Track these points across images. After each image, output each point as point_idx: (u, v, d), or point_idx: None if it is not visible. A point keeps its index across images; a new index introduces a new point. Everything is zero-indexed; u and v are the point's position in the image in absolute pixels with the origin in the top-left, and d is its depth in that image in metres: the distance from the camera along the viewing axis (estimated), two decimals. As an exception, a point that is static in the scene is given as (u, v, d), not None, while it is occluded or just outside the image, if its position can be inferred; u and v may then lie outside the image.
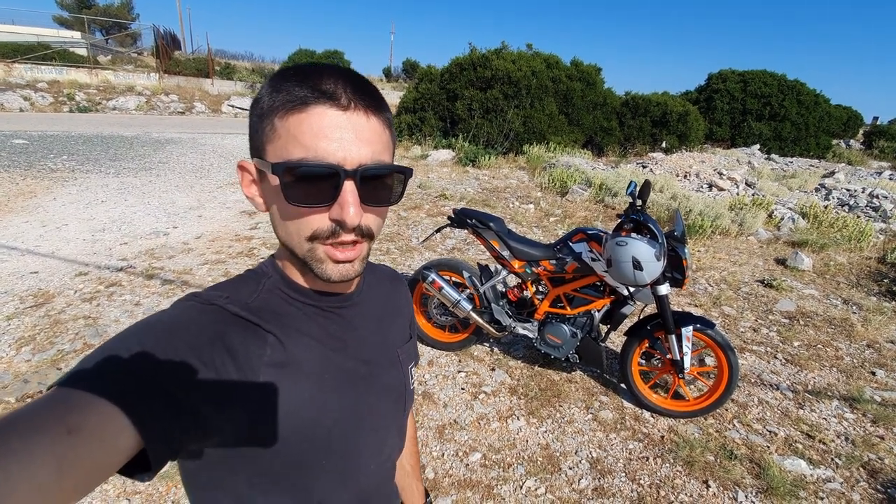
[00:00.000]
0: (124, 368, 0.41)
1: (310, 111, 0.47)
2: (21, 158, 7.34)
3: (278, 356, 0.52)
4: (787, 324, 3.68)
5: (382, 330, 0.68)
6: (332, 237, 0.51)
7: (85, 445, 0.35)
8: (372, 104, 0.50)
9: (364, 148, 0.49)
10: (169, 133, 11.41)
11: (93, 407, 0.37)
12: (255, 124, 0.52)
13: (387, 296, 0.73)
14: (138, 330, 0.46)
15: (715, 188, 7.89)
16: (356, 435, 0.60)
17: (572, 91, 11.46)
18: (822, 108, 15.95)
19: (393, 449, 0.70)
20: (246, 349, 0.50)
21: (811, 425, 2.49)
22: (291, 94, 0.48)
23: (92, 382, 0.39)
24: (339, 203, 0.49)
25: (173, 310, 0.51)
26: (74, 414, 0.36)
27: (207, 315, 0.50)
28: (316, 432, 0.55)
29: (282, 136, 0.48)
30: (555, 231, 5.71)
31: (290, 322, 0.55)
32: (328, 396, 0.56)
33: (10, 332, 2.86)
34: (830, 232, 5.71)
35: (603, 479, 2.07)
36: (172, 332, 0.46)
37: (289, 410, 0.52)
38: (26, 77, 15.33)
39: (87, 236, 4.50)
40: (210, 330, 0.49)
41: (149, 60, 20.17)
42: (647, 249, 2.11)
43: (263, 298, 0.56)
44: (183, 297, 0.53)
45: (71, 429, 0.35)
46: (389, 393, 0.66)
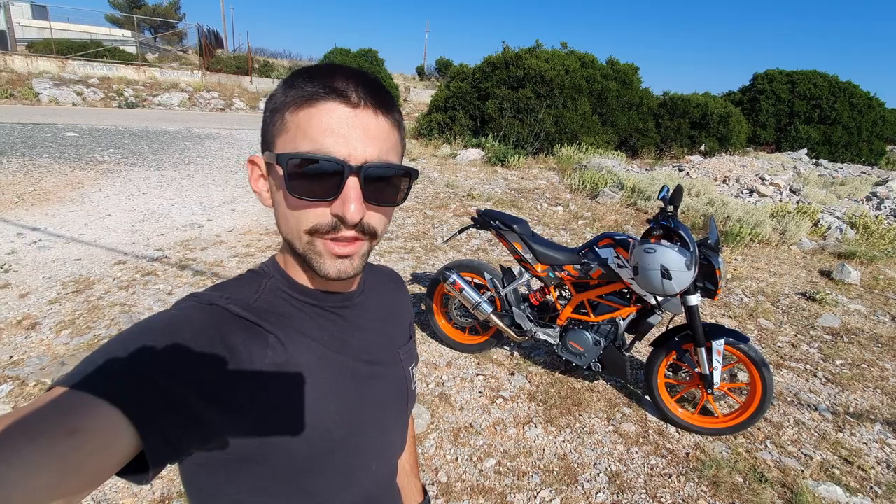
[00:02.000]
0: (125, 369, 0.41)
1: (319, 106, 0.48)
2: (71, 150, 7.74)
3: (280, 357, 0.52)
4: (830, 340, 3.47)
5: (384, 330, 0.67)
6: (331, 232, 0.50)
7: (85, 447, 0.35)
8: (382, 104, 0.50)
9: (371, 146, 0.49)
10: (209, 129, 11.81)
11: (93, 408, 0.37)
12: (267, 119, 0.53)
13: (387, 296, 0.72)
14: (140, 330, 0.46)
15: (756, 194, 7.54)
16: (359, 436, 0.59)
17: (607, 91, 11.20)
18: (877, 111, 15.00)
19: (395, 449, 0.70)
20: (248, 350, 0.49)
21: (850, 450, 2.33)
22: (303, 89, 0.48)
23: (93, 383, 0.39)
24: (342, 198, 0.49)
25: (174, 310, 0.50)
26: (74, 415, 0.36)
27: (208, 315, 0.50)
28: (318, 434, 0.54)
29: (290, 130, 0.49)
30: (583, 234, 5.58)
31: (291, 323, 0.55)
32: (330, 398, 0.56)
33: (51, 315, 3.01)
34: (881, 244, 5.36)
35: (622, 494, 2.00)
36: (173, 332, 0.46)
37: (290, 412, 0.51)
38: (79, 73, 16.17)
39: (128, 226, 4.70)
40: (211, 330, 0.48)
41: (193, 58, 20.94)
42: (677, 257, 2.02)
43: (265, 299, 0.55)
44: (184, 298, 0.52)
45: (71, 430, 0.35)
46: (391, 393, 0.66)
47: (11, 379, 2.41)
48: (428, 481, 1.99)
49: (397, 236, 4.99)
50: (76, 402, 0.37)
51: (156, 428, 0.40)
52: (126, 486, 1.86)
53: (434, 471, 2.05)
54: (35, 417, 0.35)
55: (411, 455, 0.85)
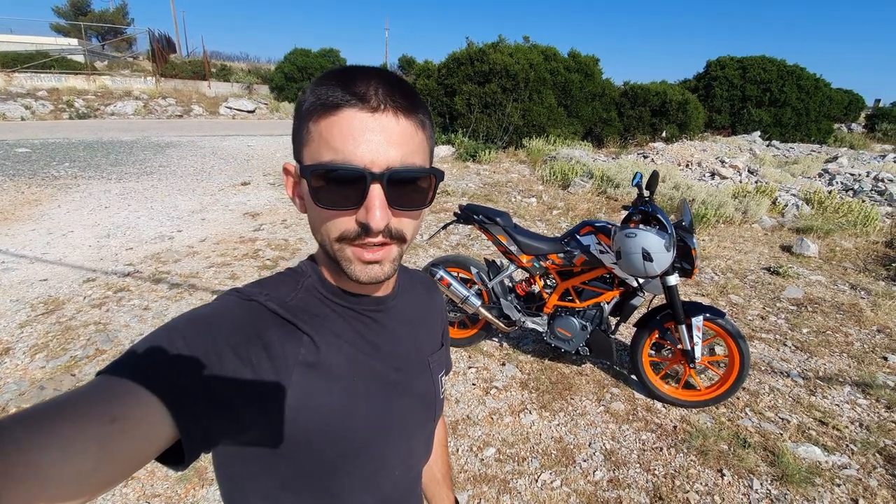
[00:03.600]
0: (166, 361, 0.42)
1: (340, 114, 0.48)
2: (25, 167, 7.35)
3: (312, 357, 0.52)
4: (795, 311, 3.68)
5: (415, 337, 0.67)
6: (358, 239, 0.51)
7: (126, 434, 0.36)
8: (403, 105, 0.49)
9: (393, 150, 0.48)
10: (168, 137, 11.40)
11: (135, 397, 0.38)
12: (296, 128, 0.53)
13: (421, 303, 0.72)
14: (181, 323, 0.47)
15: (717, 176, 7.86)
16: (383, 441, 0.60)
17: (570, 83, 11.40)
18: (823, 92, 15.80)
19: (420, 457, 0.70)
20: (282, 347, 0.50)
21: (824, 412, 2.49)
22: (324, 97, 0.48)
23: (136, 373, 0.40)
24: (366, 206, 0.49)
25: (215, 304, 0.52)
26: (117, 403, 0.37)
27: (247, 311, 0.51)
28: (344, 436, 0.55)
29: (314, 140, 0.49)
30: (558, 224, 5.70)
31: (325, 324, 0.56)
32: (358, 401, 0.56)
33: (23, 339, 2.88)
34: (835, 217, 5.69)
35: (618, 470, 2.08)
36: (213, 326, 0.47)
37: (319, 412, 0.52)
38: (26, 86, 15.33)
39: (93, 242, 4.51)
40: (249, 326, 0.49)
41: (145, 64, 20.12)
42: (657, 240, 2.11)
43: (301, 298, 0.56)
44: (225, 292, 0.54)
45: (114, 417, 0.36)
46: (418, 400, 0.66)
47: (-13, 408, 2.30)
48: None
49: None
50: (119, 389, 0.39)
51: (193, 418, 0.41)
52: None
53: (436, 464, 2.08)
54: (79, 403, 0.36)
55: (444, 463, 0.85)
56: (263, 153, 9.73)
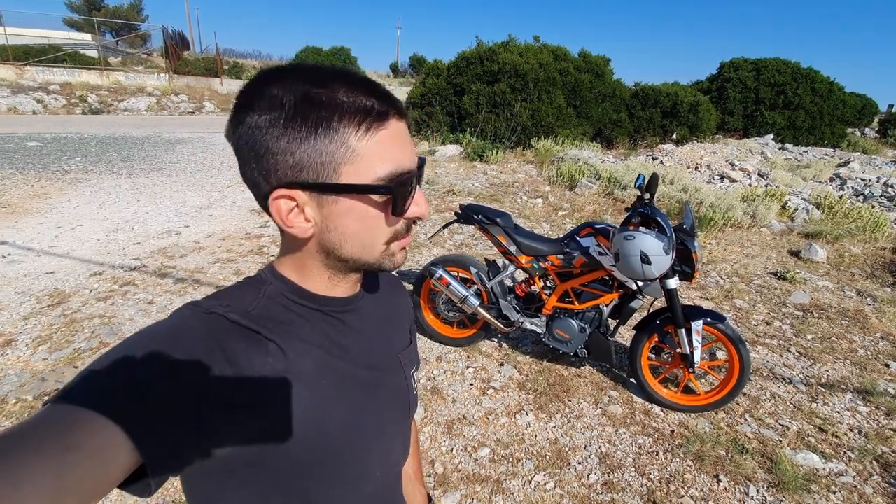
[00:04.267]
0: (124, 381, 0.41)
1: (388, 125, 0.50)
2: (35, 160, 7.47)
3: (280, 365, 0.51)
4: (801, 316, 3.63)
5: (385, 335, 0.67)
6: (406, 233, 0.56)
7: (83, 464, 0.35)
8: (403, 108, 0.54)
9: (414, 149, 0.54)
10: (179, 133, 11.53)
11: (90, 424, 0.37)
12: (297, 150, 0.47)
13: (387, 300, 0.72)
14: (138, 340, 0.45)
15: (727, 179, 7.77)
16: (361, 443, 0.59)
17: (581, 83, 11.33)
18: (837, 96, 15.58)
19: (399, 456, 0.70)
20: (247, 358, 0.49)
21: (824, 419, 2.46)
22: (364, 109, 0.47)
23: (90, 398, 0.38)
24: (416, 202, 0.53)
25: (172, 319, 0.50)
26: (72, 432, 0.36)
27: (207, 324, 0.49)
28: (320, 441, 0.54)
29: (364, 156, 0.48)
30: (563, 225, 5.68)
31: (291, 330, 0.55)
32: (331, 404, 0.55)
33: (27, 331, 2.93)
34: (845, 222, 5.61)
35: (612, 473, 2.07)
36: (173, 341, 0.46)
37: (292, 419, 0.51)
38: (38, 80, 15.55)
39: (101, 236, 4.57)
40: (210, 339, 0.48)
41: (158, 61, 20.35)
42: (656, 243, 2.09)
43: (264, 306, 0.55)
44: (182, 306, 0.52)
45: (69, 447, 0.35)
46: (394, 399, 0.66)
47: (-10, 398, 2.34)
48: (425, 473, 2.03)
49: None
50: (74, 417, 0.37)
51: (155, 442, 0.39)
52: (120, 497, 1.84)
53: (430, 463, 2.08)
54: (32, 433, 0.35)
55: (415, 461, 0.85)
56: (272, 150, 9.79)
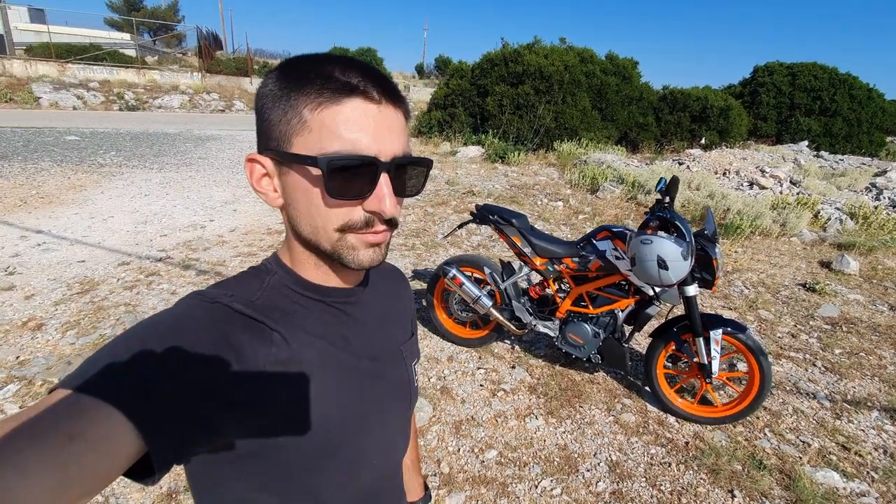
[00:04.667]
0: (128, 370, 0.41)
1: (345, 104, 0.48)
2: (73, 154, 7.78)
3: (284, 355, 0.52)
4: (829, 330, 3.49)
5: (386, 326, 0.67)
6: (365, 228, 0.52)
7: (87, 452, 0.35)
8: (397, 98, 0.51)
9: (395, 140, 0.50)
10: (209, 130, 11.84)
11: (95, 412, 0.37)
12: (271, 115, 0.50)
13: (390, 292, 0.72)
14: (144, 329, 0.45)
15: (756, 186, 7.54)
16: (361, 433, 0.59)
17: (607, 86, 11.17)
18: (876, 103, 14.94)
19: (398, 446, 0.70)
20: (251, 348, 0.49)
21: (848, 437, 2.36)
22: (323, 86, 0.47)
23: (95, 386, 0.38)
24: (377, 195, 0.50)
25: (178, 308, 0.50)
26: (76, 420, 0.36)
27: (212, 313, 0.49)
28: (321, 431, 0.54)
29: (314, 129, 0.48)
30: (583, 229, 5.60)
31: (294, 320, 0.55)
32: (334, 395, 0.56)
33: (57, 316, 3.05)
34: (880, 234, 5.37)
35: (622, 482, 2.02)
36: (177, 330, 0.46)
37: (294, 410, 0.52)
38: (79, 77, 16.21)
39: (131, 228, 4.73)
40: (214, 329, 0.48)
41: (192, 60, 20.97)
42: (674, 248, 2.04)
43: (268, 296, 0.55)
44: (187, 296, 0.52)
45: (73, 436, 0.35)
46: (395, 390, 0.66)
47: (18, 379, 2.44)
48: (430, 472, 2.02)
49: (398, 233, 5.01)
50: (78, 406, 0.37)
51: (159, 430, 0.39)
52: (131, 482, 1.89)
53: (436, 462, 2.08)
54: (37, 421, 0.35)
55: (413, 451, 0.85)
56: (297, 148, 9.97)
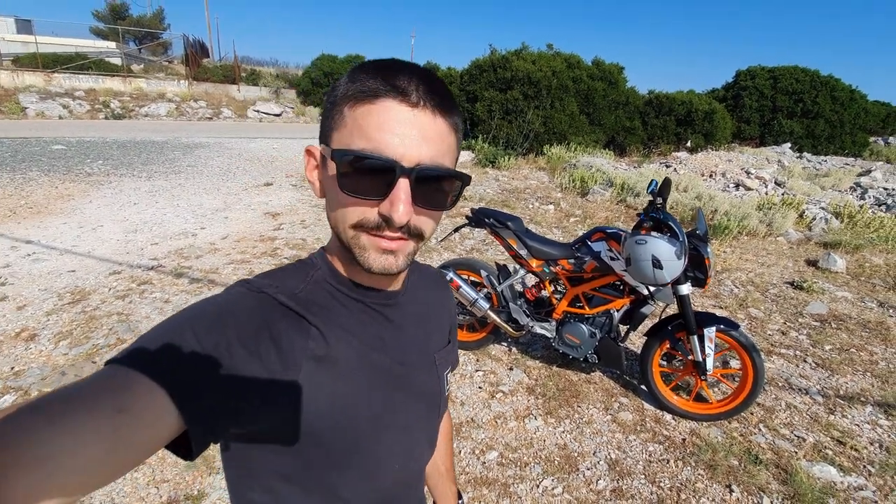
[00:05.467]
0: (175, 353, 0.43)
1: (378, 103, 0.47)
2: (60, 163, 7.68)
3: (320, 350, 0.53)
4: (818, 327, 3.56)
5: (423, 332, 0.67)
6: (377, 230, 0.51)
7: (133, 424, 0.37)
8: (441, 105, 0.50)
9: (425, 148, 0.48)
10: (197, 138, 11.75)
11: (142, 388, 0.39)
12: (327, 111, 0.52)
13: (431, 298, 0.72)
14: (192, 314, 0.47)
15: (742, 188, 7.67)
16: (385, 435, 0.60)
17: (594, 90, 11.33)
18: (859, 104, 15.32)
19: (422, 454, 0.69)
20: (290, 340, 0.51)
21: (842, 431, 2.40)
22: (364, 84, 0.48)
23: (144, 364, 0.41)
24: (390, 199, 0.48)
25: (225, 295, 0.52)
26: (125, 393, 0.38)
27: (257, 302, 0.51)
28: (347, 429, 0.55)
29: (348, 125, 0.49)
30: (575, 231, 5.65)
31: (333, 317, 0.56)
32: (363, 395, 0.57)
33: (49, 327, 3.01)
34: (866, 232, 5.49)
35: (622, 480, 2.04)
36: (222, 317, 0.48)
37: (325, 406, 0.53)
38: (65, 86, 16.01)
39: (121, 237, 4.68)
40: (258, 317, 0.50)
41: (179, 68, 20.82)
42: (667, 248, 2.08)
43: (310, 290, 0.56)
44: (235, 284, 0.54)
45: (121, 408, 0.37)
46: (422, 396, 0.66)
47: (14, 390, 2.40)
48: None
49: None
50: (128, 380, 0.39)
51: (199, 412, 0.42)
52: (133, 490, 1.87)
53: (438, 465, 2.08)
54: (88, 393, 0.37)
55: (448, 458, 0.85)
56: (287, 155, 9.94)
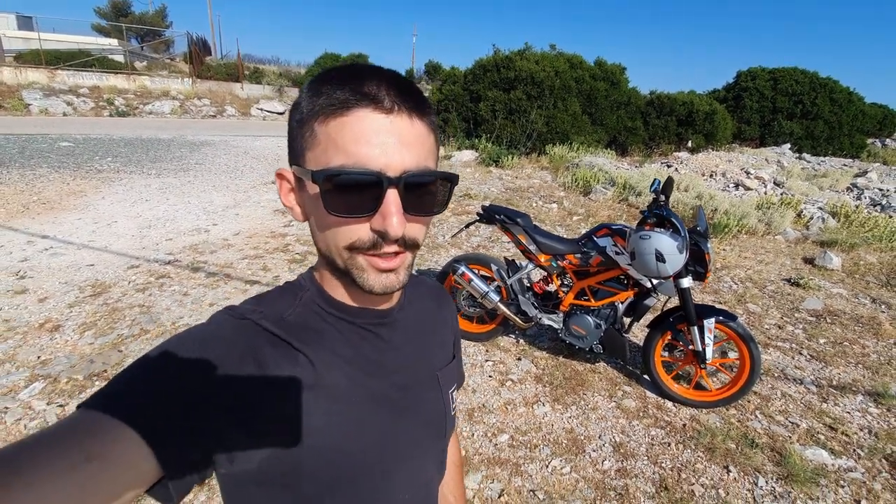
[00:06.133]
0: (151, 392, 0.41)
1: (351, 115, 0.44)
2: (69, 160, 7.80)
3: (309, 378, 0.50)
4: (814, 322, 3.69)
5: (422, 351, 0.64)
6: (373, 249, 0.48)
7: (105, 472, 0.35)
8: (416, 107, 0.47)
9: (407, 154, 0.46)
10: (203, 136, 11.87)
11: (113, 433, 0.37)
12: (293, 130, 0.49)
13: (429, 313, 0.68)
14: (173, 345, 0.45)
15: (742, 187, 7.80)
16: (387, 464, 0.56)
17: (596, 91, 11.45)
18: (856, 106, 15.46)
19: (431, 478, 0.66)
20: (277, 367, 0.48)
21: (834, 418, 2.53)
22: (332, 97, 0.45)
23: (116, 407, 0.39)
24: (382, 213, 0.46)
25: (208, 324, 0.50)
26: (95, 440, 0.36)
27: (241, 330, 0.49)
28: (344, 460, 0.52)
29: (321, 142, 0.46)
30: (578, 229, 5.78)
31: (323, 342, 0.53)
32: (358, 423, 0.53)
33: (72, 318, 3.13)
34: (861, 231, 5.62)
35: (626, 461, 2.17)
36: (204, 348, 0.46)
37: (317, 438, 0.50)
38: (68, 83, 16.13)
39: (136, 232, 4.80)
40: (242, 346, 0.47)
41: (182, 66, 20.92)
42: (670, 242, 2.20)
43: (299, 313, 0.54)
44: (219, 311, 0.52)
45: (91, 456, 0.35)
46: (426, 420, 0.62)
47: (42, 377, 2.52)
48: (447, 455, 2.15)
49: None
50: (98, 425, 0.37)
51: (177, 455, 0.39)
52: None
53: (452, 446, 2.21)
54: (55, 441, 0.35)
55: (457, 485, 0.79)
56: (292, 153, 10.04)
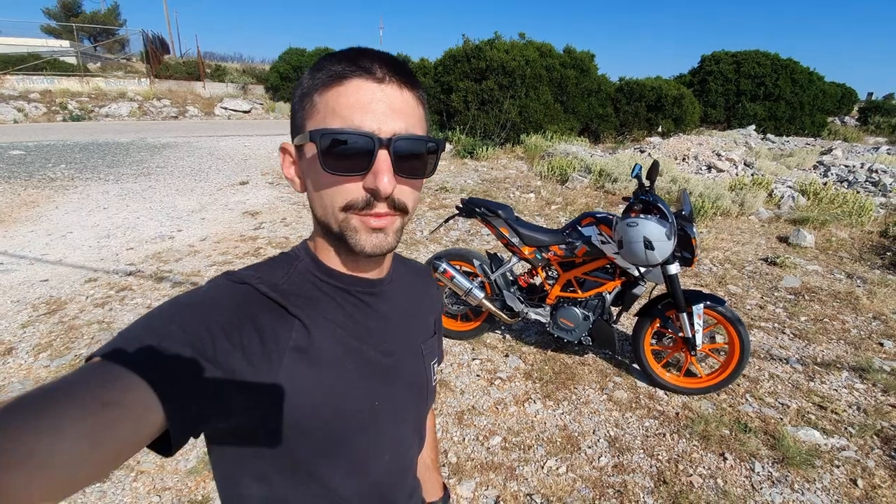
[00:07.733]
0: (157, 347, 0.43)
1: (347, 84, 0.50)
2: (20, 169, 7.32)
3: (302, 342, 0.53)
4: (793, 300, 3.72)
5: (407, 322, 0.67)
6: (366, 208, 0.52)
7: (118, 420, 0.37)
8: (406, 80, 0.52)
9: (398, 120, 0.51)
10: (164, 138, 11.36)
11: (126, 383, 0.39)
12: (295, 105, 0.54)
13: (415, 290, 0.72)
14: (174, 307, 0.48)
15: (714, 170, 7.90)
16: (374, 426, 0.60)
17: (567, 79, 11.43)
18: (817, 85, 15.90)
19: (412, 443, 0.70)
20: (274, 332, 0.51)
21: (822, 397, 2.53)
22: (330, 70, 0.50)
23: (127, 358, 0.41)
24: (373, 172, 0.50)
25: (207, 288, 0.52)
26: (109, 388, 0.38)
27: (240, 294, 0.52)
28: (334, 421, 0.55)
29: (320, 111, 0.51)
30: (557, 219, 5.73)
31: (317, 308, 0.56)
32: (348, 385, 0.56)
33: (26, 339, 2.89)
34: (831, 208, 5.74)
35: (622, 456, 2.11)
36: (205, 310, 0.48)
37: (309, 398, 0.52)
38: (18, 88, 15.20)
39: (93, 243, 4.51)
40: (242, 309, 0.50)
41: (138, 66, 19.99)
42: (658, 229, 2.13)
43: (294, 281, 0.56)
44: (218, 276, 0.54)
45: (105, 403, 0.37)
46: (410, 387, 0.66)
47: (-8, 406, 2.30)
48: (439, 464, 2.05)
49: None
50: (111, 375, 0.39)
51: (181, 405, 0.41)
52: (134, 500, 1.83)
53: (443, 453, 2.11)
54: (71, 388, 0.37)
55: (433, 450, 0.86)
56: (260, 153, 9.71)
